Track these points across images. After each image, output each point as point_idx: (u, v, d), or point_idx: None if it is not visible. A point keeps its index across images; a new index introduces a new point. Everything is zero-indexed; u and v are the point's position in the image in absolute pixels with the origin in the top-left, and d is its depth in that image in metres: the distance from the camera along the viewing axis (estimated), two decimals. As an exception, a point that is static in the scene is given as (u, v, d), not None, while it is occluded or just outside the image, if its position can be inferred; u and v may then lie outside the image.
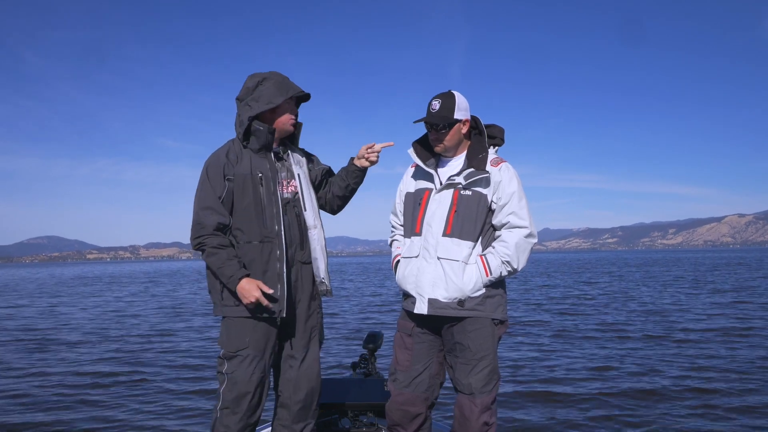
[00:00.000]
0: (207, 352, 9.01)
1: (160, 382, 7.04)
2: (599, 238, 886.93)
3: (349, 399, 3.24)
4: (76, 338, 11.10)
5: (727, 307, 14.05)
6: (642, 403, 5.75)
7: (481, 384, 2.56)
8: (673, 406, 5.59)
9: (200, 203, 2.55)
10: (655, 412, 5.40)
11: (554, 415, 5.40)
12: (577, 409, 5.57)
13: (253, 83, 2.59)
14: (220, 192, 2.54)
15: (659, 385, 6.37)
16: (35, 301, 21.55)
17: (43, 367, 8.16)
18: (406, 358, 2.72)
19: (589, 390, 6.25)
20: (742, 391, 6.09)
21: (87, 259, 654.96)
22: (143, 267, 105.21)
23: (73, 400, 6.21)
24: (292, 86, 2.60)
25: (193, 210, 2.58)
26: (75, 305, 19.23)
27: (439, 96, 2.64)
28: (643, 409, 5.55)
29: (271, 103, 2.54)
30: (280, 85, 2.56)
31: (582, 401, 5.84)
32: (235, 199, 2.56)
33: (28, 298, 23.44)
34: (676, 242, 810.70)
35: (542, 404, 5.76)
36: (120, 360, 8.66)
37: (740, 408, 5.48)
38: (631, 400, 5.85)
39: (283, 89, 2.56)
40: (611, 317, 12.54)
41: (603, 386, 6.42)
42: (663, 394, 6.04)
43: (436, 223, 2.62)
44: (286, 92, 2.56)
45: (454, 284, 2.55)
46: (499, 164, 2.65)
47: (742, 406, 5.54)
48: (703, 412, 5.39)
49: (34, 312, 17.08)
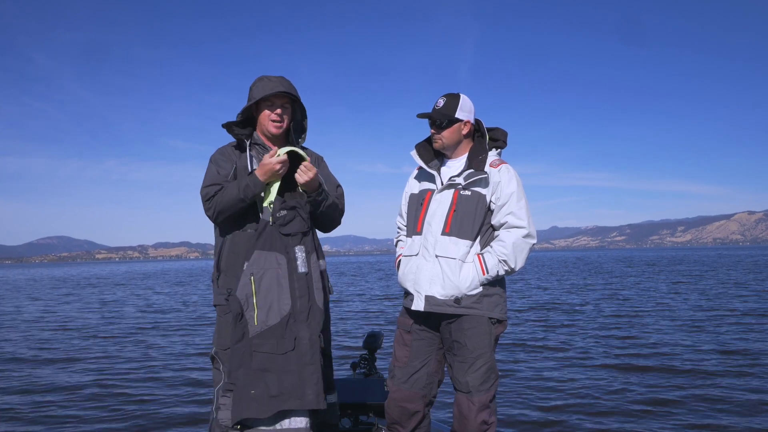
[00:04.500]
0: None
1: (159, 382, 7.08)
2: (608, 236, 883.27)
3: (349, 399, 3.25)
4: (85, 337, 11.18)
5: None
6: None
7: (479, 382, 2.59)
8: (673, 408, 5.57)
9: (205, 183, 2.58)
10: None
11: (553, 414, 5.40)
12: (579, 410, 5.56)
13: (252, 84, 2.62)
14: (224, 173, 2.58)
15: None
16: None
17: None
18: (404, 355, 2.75)
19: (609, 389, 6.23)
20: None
21: (96, 259, 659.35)
22: (160, 266, 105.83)
23: (72, 399, 6.27)
24: (275, 87, 2.56)
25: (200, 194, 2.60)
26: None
27: (446, 95, 2.73)
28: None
29: (251, 100, 2.57)
30: (264, 86, 2.56)
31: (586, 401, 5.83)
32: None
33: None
34: (685, 240, 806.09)
35: (541, 404, 5.75)
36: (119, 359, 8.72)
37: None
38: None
39: (264, 89, 2.55)
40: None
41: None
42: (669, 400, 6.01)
43: (435, 222, 2.67)
44: (263, 91, 2.54)
45: (450, 282, 2.59)
46: (498, 165, 2.70)
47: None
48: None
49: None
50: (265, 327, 2.37)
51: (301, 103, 2.67)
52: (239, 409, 2.34)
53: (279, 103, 2.59)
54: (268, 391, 2.34)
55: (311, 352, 2.38)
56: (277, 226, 2.45)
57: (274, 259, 2.42)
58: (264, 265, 2.41)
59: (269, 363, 2.35)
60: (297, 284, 2.43)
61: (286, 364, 2.36)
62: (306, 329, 2.41)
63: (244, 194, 2.46)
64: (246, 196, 2.47)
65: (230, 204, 2.48)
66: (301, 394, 2.34)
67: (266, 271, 2.41)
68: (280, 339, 2.37)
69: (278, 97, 2.57)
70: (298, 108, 2.70)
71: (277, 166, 2.45)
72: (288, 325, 2.39)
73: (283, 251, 2.44)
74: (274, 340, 2.37)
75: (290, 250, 2.45)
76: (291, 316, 2.40)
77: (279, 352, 2.36)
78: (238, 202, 2.48)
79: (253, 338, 2.37)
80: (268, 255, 2.42)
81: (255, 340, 2.37)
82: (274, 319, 2.39)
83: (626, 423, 5.10)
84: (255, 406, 2.33)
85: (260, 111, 2.62)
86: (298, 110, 2.70)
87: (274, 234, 2.45)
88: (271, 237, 2.44)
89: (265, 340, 2.37)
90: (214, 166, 2.61)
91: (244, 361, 2.36)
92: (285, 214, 2.46)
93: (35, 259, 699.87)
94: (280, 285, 2.41)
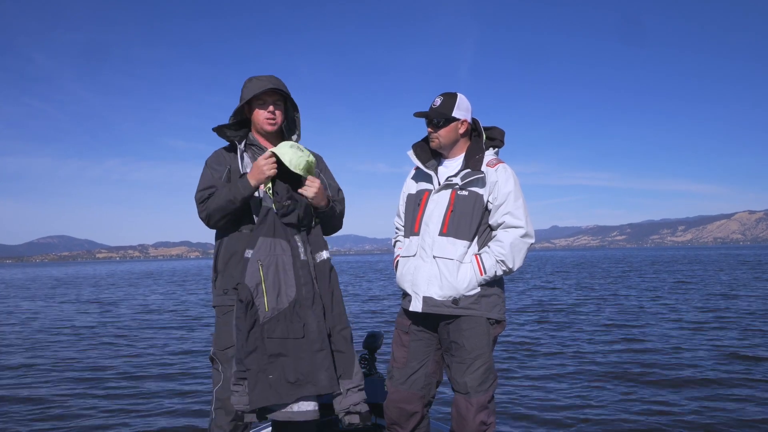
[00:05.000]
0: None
1: (157, 382, 7.09)
2: (608, 236, 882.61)
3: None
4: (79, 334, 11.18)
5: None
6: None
7: (477, 383, 2.58)
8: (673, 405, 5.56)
9: (199, 187, 2.59)
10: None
11: (553, 415, 5.40)
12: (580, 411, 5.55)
13: (243, 84, 2.64)
14: (218, 175, 2.59)
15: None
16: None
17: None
18: (402, 356, 2.75)
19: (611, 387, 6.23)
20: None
21: (97, 258, 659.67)
22: (161, 265, 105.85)
23: (68, 398, 6.27)
24: (265, 85, 2.58)
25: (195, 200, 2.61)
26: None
27: (443, 94, 2.71)
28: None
29: (242, 100, 2.59)
30: (255, 85, 2.59)
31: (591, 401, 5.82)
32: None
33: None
34: (686, 239, 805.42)
35: (539, 403, 5.75)
36: (114, 357, 8.72)
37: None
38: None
39: (254, 88, 2.58)
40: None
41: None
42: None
43: (433, 223, 2.66)
44: (253, 90, 2.57)
45: (448, 282, 2.58)
46: (496, 165, 2.68)
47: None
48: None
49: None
50: (276, 312, 2.41)
51: (292, 100, 2.69)
52: (259, 394, 2.35)
53: (270, 100, 2.62)
54: (285, 376, 2.38)
55: (320, 338, 2.42)
56: (279, 215, 2.48)
57: (279, 246, 2.46)
58: (269, 252, 2.45)
59: (282, 348, 2.39)
60: (301, 271, 2.47)
61: (298, 351, 2.39)
62: (312, 316, 2.44)
63: (233, 196, 2.48)
64: (235, 198, 2.48)
65: (220, 206, 2.49)
66: (315, 380, 2.38)
67: (272, 257, 2.44)
68: (290, 324, 2.41)
69: (269, 95, 2.60)
70: (290, 105, 2.71)
71: (265, 167, 2.46)
72: (295, 310, 2.43)
73: (285, 238, 2.48)
74: (284, 325, 2.41)
75: (291, 238, 2.49)
76: (297, 302, 2.44)
77: (291, 337, 2.40)
78: (228, 204, 2.49)
79: (264, 324, 2.40)
80: (273, 242, 2.46)
81: (266, 325, 2.40)
82: (284, 304, 2.43)
83: (626, 423, 5.10)
84: (275, 392, 2.36)
85: (253, 111, 2.65)
86: (290, 107, 2.73)
87: (277, 221, 2.48)
88: (273, 224, 2.48)
89: (277, 325, 2.40)
90: (208, 170, 2.62)
91: (257, 347, 2.39)
92: (288, 204, 2.49)
93: (36, 258, 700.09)
94: (285, 271, 2.45)
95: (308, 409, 2.38)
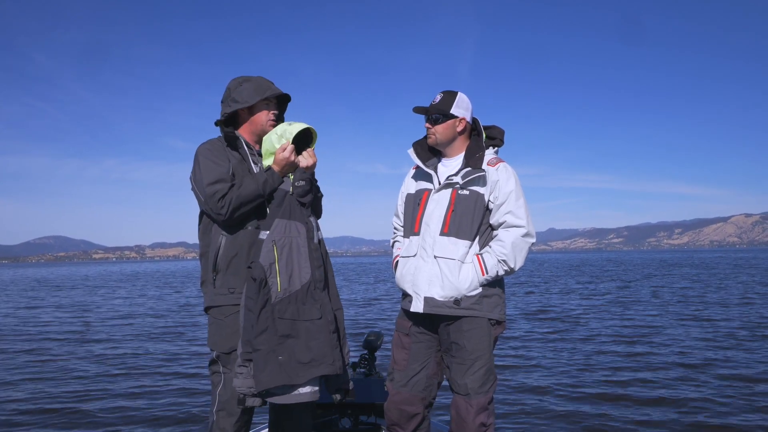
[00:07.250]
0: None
1: (155, 383, 7.06)
2: (605, 238, 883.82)
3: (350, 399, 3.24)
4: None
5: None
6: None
7: (477, 384, 2.56)
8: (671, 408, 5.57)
9: (208, 180, 2.51)
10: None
11: (553, 415, 5.39)
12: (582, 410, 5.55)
13: (234, 85, 2.64)
14: (224, 170, 2.54)
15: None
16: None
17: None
18: (403, 358, 2.73)
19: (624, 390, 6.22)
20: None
21: (93, 258, 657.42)
22: (157, 267, 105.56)
23: (68, 398, 6.24)
24: (271, 87, 2.64)
25: (198, 192, 2.54)
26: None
27: (444, 92, 2.70)
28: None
29: (246, 102, 2.59)
30: (258, 87, 2.62)
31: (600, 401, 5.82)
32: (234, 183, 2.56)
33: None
34: (682, 242, 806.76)
35: (539, 404, 5.75)
36: (112, 359, 8.69)
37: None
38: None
39: (260, 90, 2.61)
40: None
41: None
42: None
43: (434, 223, 2.64)
44: (263, 93, 2.61)
45: (450, 283, 2.56)
46: (496, 164, 2.66)
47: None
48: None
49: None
50: (288, 293, 2.41)
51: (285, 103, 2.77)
52: (269, 375, 2.34)
53: (274, 102, 2.68)
54: (295, 357, 2.38)
55: (333, 320, 2.46)
56: (296, 196, 2.50)
57: (295, 228, 2.47)
58: (285, 233, 2.46)
59: (292, 329, 2.39)
60: (314, 254, 2.49)
61: (314, 332, 2.40)
62: (326, 298, 2.47)
63: (263, 190, 2.50)
64: (265, 191, 2.51)
65: (249, 200, 2.50)
66: (331, 360, 2.40)
67: (287, 238, 2.45)
68: (302, 306, 2.42)
69: (269, 97, 2.64)
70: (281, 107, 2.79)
71: (291, 157, 2.50)
72: (309, 293, 2.44)
73: (302, 220, 2.49)
74: (295, 307, 2.41)
75: (307, 220, 2.51)
76: (311, 284, 2.45)
77: (301, 319, 2.40)
78: (256, 198, 2.51)
79: (275, 304, 2.40)
80: (289, 223, 2.47)
81: (278, 306, 2.40)
82: (296, 285, 2.43)
83: (626, 424, 5.10)
84: (285, 373, 2.35)
85: (255, 111, 2.65)
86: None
87: (293, 203, 2.50)
88: (290, 206, 2.50)
89: (288, 306, 2.41)
90: (209, 162, 2.55)
91: (268, 326, 2.38)
92: (303, 184, 2.51)
93: (32, 258, 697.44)
94: (300, 253, 2.46)
95: (307, 391, 2.39)
